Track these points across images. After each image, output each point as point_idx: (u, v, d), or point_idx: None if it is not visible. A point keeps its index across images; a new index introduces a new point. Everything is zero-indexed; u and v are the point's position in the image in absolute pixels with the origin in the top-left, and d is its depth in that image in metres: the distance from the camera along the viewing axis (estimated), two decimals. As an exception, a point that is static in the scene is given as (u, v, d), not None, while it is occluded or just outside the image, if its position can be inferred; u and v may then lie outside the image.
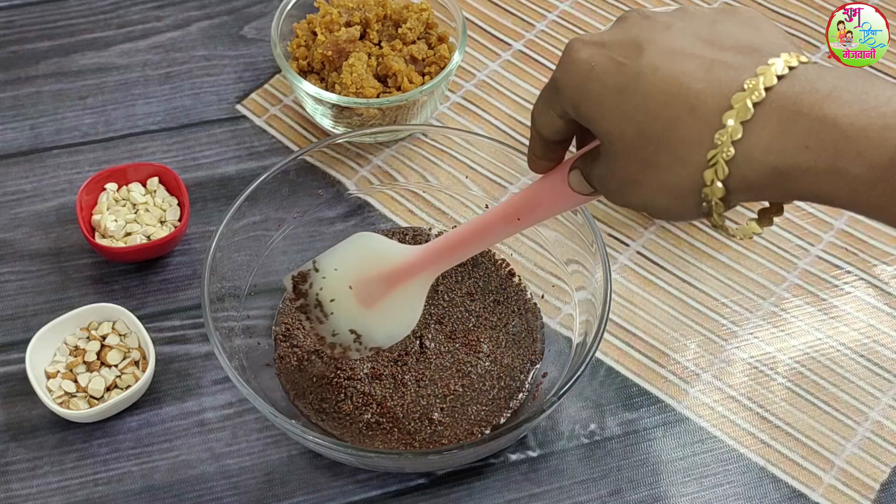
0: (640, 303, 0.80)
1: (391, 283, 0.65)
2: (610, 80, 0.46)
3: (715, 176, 0.43)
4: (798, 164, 0.41)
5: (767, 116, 0.42)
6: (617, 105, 0.46)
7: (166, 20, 0.98)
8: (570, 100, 0.48)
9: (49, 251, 0.81)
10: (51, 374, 0.72)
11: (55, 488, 0.69)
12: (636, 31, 0.47)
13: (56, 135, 0.89)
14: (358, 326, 0.67)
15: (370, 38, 0.88)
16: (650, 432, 0.73)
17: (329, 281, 0.67)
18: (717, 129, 0.42)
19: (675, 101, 0.43)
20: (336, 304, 0.66)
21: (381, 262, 0.66)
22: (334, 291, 0.67)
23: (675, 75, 0.44)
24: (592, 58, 0.47)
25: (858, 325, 0.79)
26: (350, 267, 0.66)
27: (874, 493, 0.71)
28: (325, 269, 0.67)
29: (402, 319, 0.67)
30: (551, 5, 1.01)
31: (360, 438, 0.70)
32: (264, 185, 0.74)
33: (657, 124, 0.44)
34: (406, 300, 0.66)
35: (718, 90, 0.43)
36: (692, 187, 0.45)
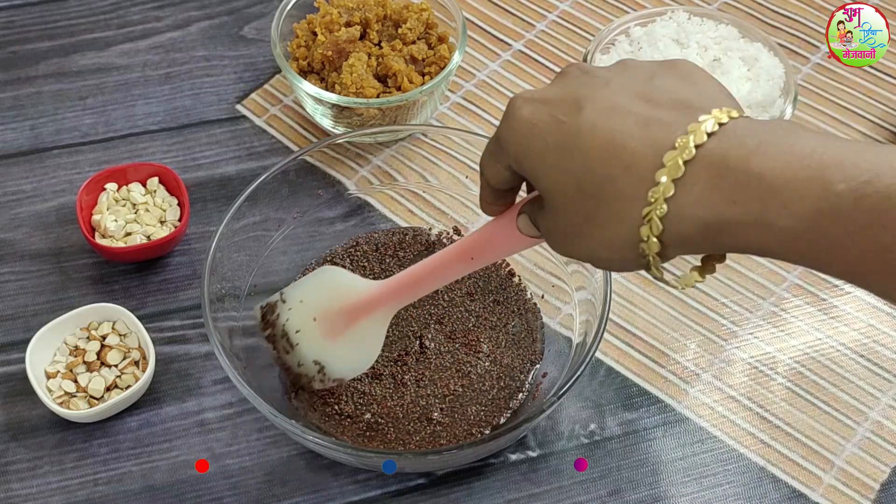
0: (640, 303, 0.80)
1: (353, 317, 0.66)
2: (550, 138, 0.47)
3: (650, 232, 0.44)
4: (727, 219, 0.43)
5: (697, 173, 0.43)
6: (557, 162, 0.47)
7: (166, 20, 0.98)
8: (514, 155, 0.50)
9: (49, 251, 0.81)
10: (51, 374, 0.72)
11: (55, 488, 0.69)
12: (575, 87, 0.48)
13: (56, 135, 0.89)
14: (321, 357, 0.67)
15: (370, 38, 0.88)
16: (650, 432, 0.73)
17: (295, 312, 0.67)
18: (651, 186, 0.44)
19: (612, 159, 0.44)
20: (301, 335, 0.67)
21: (344, 296, 0.66)
22: (300, 323, 0.67)
23: (611, 133, 0.45)
24: (534, 115, 0.48)
25: (858, 325, 0.79)
26: (315, 299, 0.67)
27: (874, 493, 0.71)
28: (291, 300, 0.68)
29: (363, 352, 0.67)
30: (551, 5, 1.01)
31: (359, 438, 0.70)
32: (264, 185, 0.74)
33: (595, 181, 0.45)
34: (366, 334, 0.67)
35: (652, 148, 0.44)
36: (630, 242, 0.46)
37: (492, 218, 0.59)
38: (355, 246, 0.80)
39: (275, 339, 0.68)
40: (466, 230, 0.81)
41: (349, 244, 0.80)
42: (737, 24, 0.88)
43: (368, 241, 0.80)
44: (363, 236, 0.80)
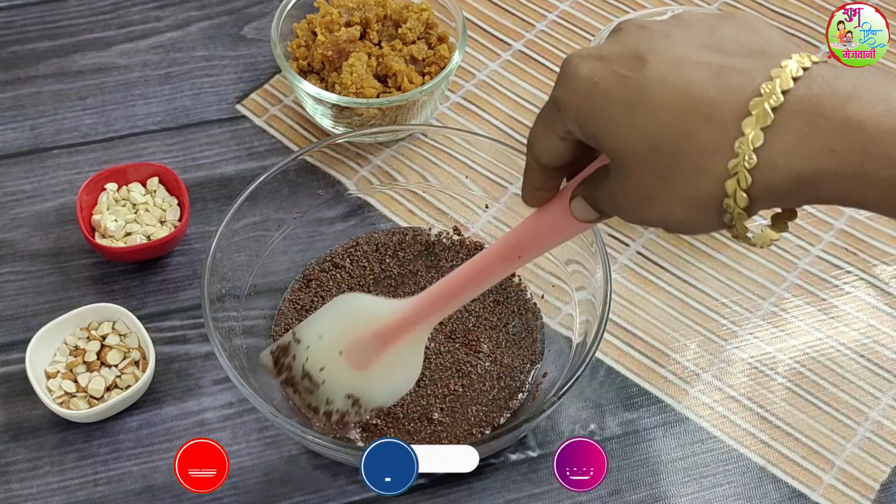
0: (640, 303, 0.80)
1: (385, 342, 0.62)
2: (616, 95, 0.44)
3: (737, 186, 0.42)
4: (825, 169, 0.40)
5: (788, 121, 0.40)
6: (626, 119, 0.44)
7: (166, 20, 0.98)
8: (575, 118, 0.46)
9: (49, 251, 0.81)
10: (51, 374, 0.72)
11: (55, 488, 0.69)
12: (634, 42, 0.45)
13: (56, 135, 0.89)
14: (355, 390, 0.62)
15: (370, 38, 0.88)
16: (650, 432, 0.73)
17: (314, 350, 0.63)
18: (736, 137, 0.41)
19: (688, 112, 0.42)
20: (327, 373, 0.62)
21: (371, 322, 0.62)
22: (323, 360, 0.62)
23: (684, 84, 0.42)
24: (594, 73, 0.45)
25: (858, 325, 0.79)
26: (337, 332, 0.62)
27: (874, 493, 0.71)
28: (307, 338, 0.63)
29: (402, 376, 0.63)
30: (551, 5, 1.01)
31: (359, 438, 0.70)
32: (264, 185, 0.74)
33: (671, 136, 0.43)
34: (404, 356, 0.62)
35: (733, 97, 0.41)
36: (712, 199, 0.43)
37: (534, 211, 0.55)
38: (355, 246, 0.80)
39: (294, 383, 0.63)
40: (466, 230, 0.81)
41: (349, 244, 0.80)
42: (737, 24, 0.88)
43: (368, 241, 0.80)
44: (363, 236, 0.80)
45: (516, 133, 0.91)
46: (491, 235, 0.81)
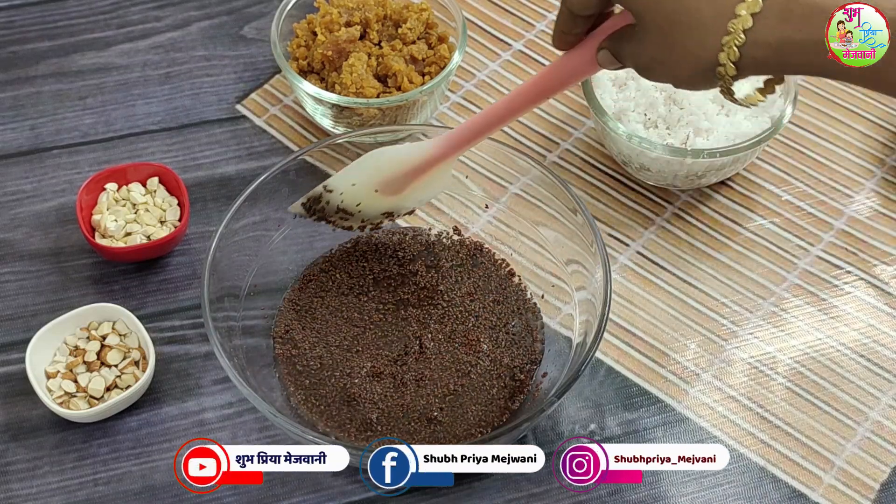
0: (640, 303, 0.80)
1: (416, 175, 0.71)
2: None
3: (727, 58, 0.53)
4: (794, 41, 0.51)
5: (771, 7, 0.51)
6: None
7: (166, 20, 0.98)
8: None
9: (49, 251, 0.81)
10: (51, 374, 0.72)
11: (55, 488, 0.69)
12: None
13: (56, 135, 0.89)
14: (389, 209, 0.74)
15: (370, 38, 0.88)
16: (650, 432, 0.73)
17: (348, 194, 0.73)
18: (731, 18, 0.52)
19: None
20: (363, 206, 0.73)
21: (402, 164, 0.71)
22: (359, 198, 0.73)
23: None
24: None
25: (858, 325, 0.79)
26: (369, 178, 0.72)
27: (874, 493, 0.71)
28: (340, 186, 0.72)
29: (433, 190, 0.74)
30: (551, 5, 1.01)
31: (359, 438, 0.70)
32: (264, 185, 0.74)
33: (682, 12, 0.53)
34: (434, 179, 0.72)
35: None
36: (708, 66, 0.54)
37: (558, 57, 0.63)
38: (355, 245, 0.80)
39: (327, 216, 0.74)
40: (466, 230, 0.81)
41: (349, 244, 0.80)
42: (737, 24, 0.88)
43: (368, 241, 0.80)
44: (363, 236, 0.80)
45: (516, 133, 0.91)
46: (491, 235, 0.81)
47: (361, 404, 0.71)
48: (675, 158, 0.79)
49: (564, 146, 0.90)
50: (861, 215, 0.85)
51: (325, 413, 0.71)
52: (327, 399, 0.71)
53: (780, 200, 0.86)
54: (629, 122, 0.82)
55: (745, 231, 0.84)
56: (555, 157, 0.89)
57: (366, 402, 0.71)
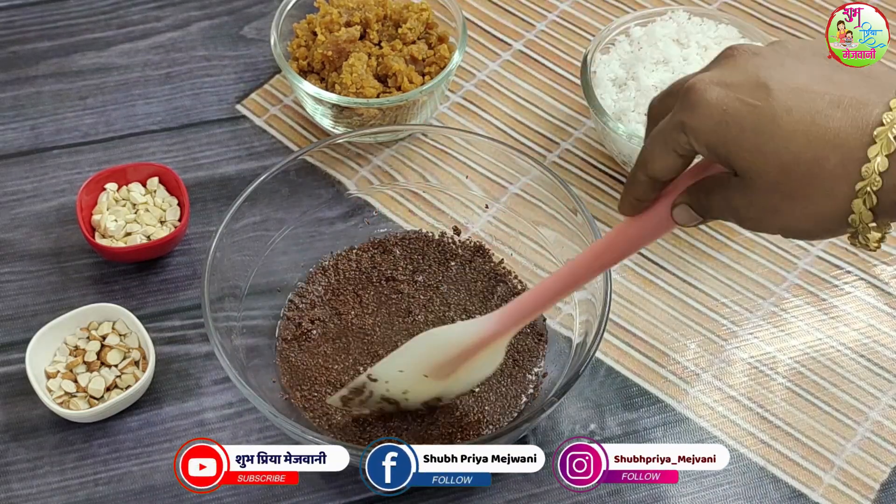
0: (640, 303, 0.80)
1: (468, 357, 0.66)
2: (746, 123, 0.48)
3: (863, 206, 0.47)
4: None
5: None
6: (757, 145, 0.48)
7: (166, 20, 0.98)
8: (705, 142, 0.50)
9: (49, 251, 0.81)
10: (51, 374, 0.72)
11: (55, 488, 0.69)
12: (753, 69, 0.49)
13: (56, 135, 0.89)
14: (438, 394, 0.69)
15: (370, 38, 0.88)
16: (650, 432, 0.73)
17: (394, 382, 0.68)
18: (863, 162, 0.46)
19: (817, 141, 0.46)
20: (410, 393, 0.68)
21: (453, 347, 0.66)
22: (405, 386, 0.68)
23: (810, 114, 0.47)
24: (721, 101, 0.49)
25: (858, 325, 0.79)
26: (419, 363, 0.67)
27: (874, 493, 0.71)
28: (385, 375, 0.67)
29: (483, 370, 0.67)
30: (551, 5, 1.01)
31: (359, 438, 0.70)
32: (264, 185, 0.74)
33: (802, 162, 0.47)
34: (486, 358, 0.66)
35: (857, 126, 0.46)
36: (839, 215, 0.48)
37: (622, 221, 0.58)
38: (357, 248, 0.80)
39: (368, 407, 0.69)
40: (466, 230, 0.81)
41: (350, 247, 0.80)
42: (737, 24, 0.88)
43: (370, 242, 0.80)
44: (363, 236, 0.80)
45: (516, 133, 0.91)
46: (491, 235, 0.81)
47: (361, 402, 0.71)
48: (675, 158, 0.79)
49: (564, 146, 0.90)
50: (861, 215, 0.85)
51: (325, 413, 0.71)
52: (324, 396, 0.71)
53: (780, 200, 0.86)
54: (629, 122, 0.82)
55: (745, 231, 0.84)
56: (555, 157, 0.89)
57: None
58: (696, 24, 0.87)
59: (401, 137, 0.87)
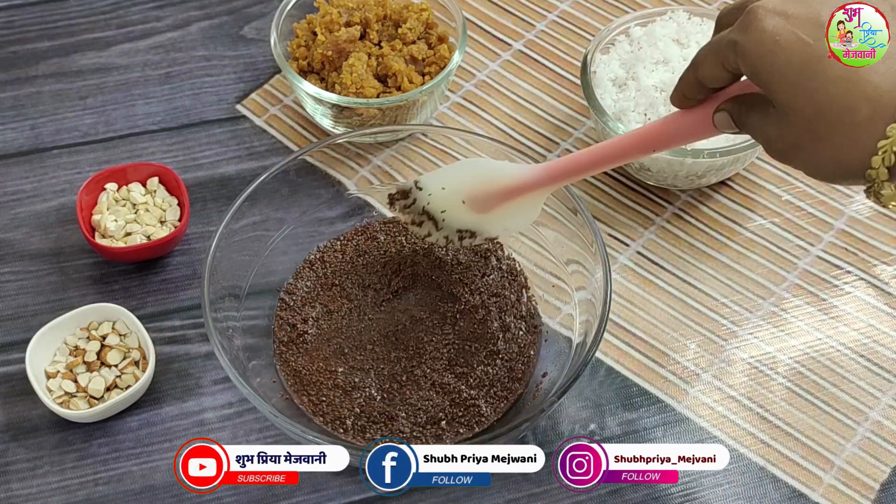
0: (640, 303, 0.80)
1: (506, 198, 0.69)
2: (795, 58, 0.49)
3: (882, 163, 0.48)
4: None
5: None
6: (799, 81, 0.49)
7: (166, 20, 0.98)
8: (751, 66, 0.51)
9: (49, 251, 0.81)
10: (51, 374, 0.72)
11: (55, 488, 0.69)
12: (818, 5, 0.50)
13: (56, 135, 0.89)
14: (471, 227, 0.71)
15: (370, 38, 0.88)
16: (650, 432, 0.73)
17: (436, 197, 0.71)
18: (890, 122, 0.47)
19: (855, 90, 0.48)
20: (447, 214, 0.71)
21: (496, 181, 0.68)
22: (444, 205, 0.71)
23: None
24: (777, 30, 0.49)
25: (858, 325, 0.79)
26: (461, 186, 0.70)
27: (874, 493, 0.71)
28: (430, 187, 0.71)
29: (519, 220, 0.70)
30: (551, 5, 1.01)
31: (360, 438, 0.70)
32: (264, 185, 0.74)
33: (835, 107, 0.48)
34: (523, 207, 0.69)
35: (894, 84, 0.48)
36: (858, 166, 0.49)
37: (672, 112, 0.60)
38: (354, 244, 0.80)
39: (413, 213, 0.72)
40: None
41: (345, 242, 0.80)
42: (737, 24, 0.88)
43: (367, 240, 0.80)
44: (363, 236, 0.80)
45: (516, 133, 0.91)
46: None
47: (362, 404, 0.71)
48: (675, 158, 0.79)
49: (564, 146, 0.90)
50: (861, 215, 0.85)
51: (325, 413, 0.71)
52: (327, 399, 0.71)
53: (780, 200, 0.86)
54: (629, 122, 0.82)
55: (745, 231, 0.84)
56: (555, 157, 0.89)
57: (366, 401, 0.71)
58: (696, 24, 0.87)
59: (401, 137, 0.87)
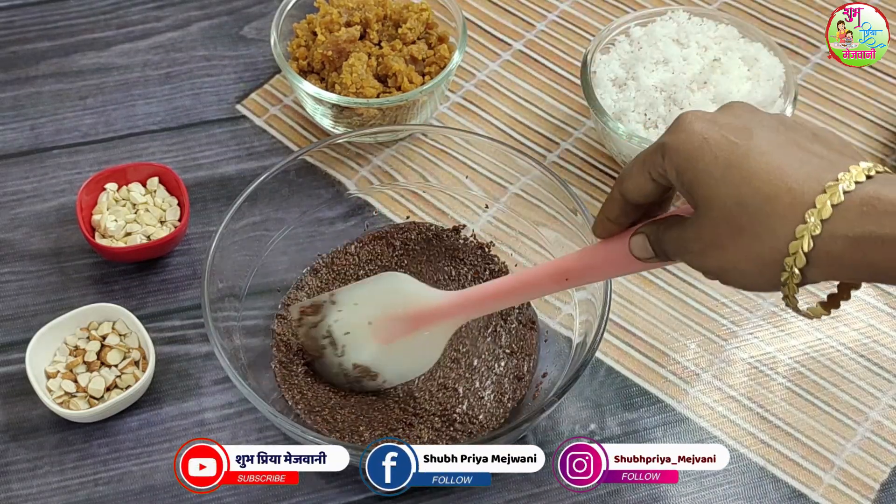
0: (640, 303, 0.80)
1: (414, 325, 0.68)
2: (721, 154, 0.50)
3: (800, 248, 0.48)
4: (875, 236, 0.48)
5: (852, 202, 0.48)
6: (722, 175, 0.50)
7: (166, 20, 0.98)
8: (677, 165, 0.52)
9: (49, 251, 0.81)
10: (51, 374, 0.72)
11: (55, 488, 0.69)
12: (746, 119, 0.52)
13: (56, 135, 0.89)
14: (368, 362, 0.70)
15: (370, 38, 0.88)
16: (650, 432, 0.73)
17: (346, 314, 0.70)
18: (809, 208, 0.48)
19: (777, 181, 0.49)
20: (349, 338, 0.70)
21: (407, 303, 0.68)
22: (350, 325, 0.70)
23: (779, 161, 0.49)
24: (705, 131, 0.51)
25: (858, 325, 0.79)
26: (372, 304, 0.69)
27: (874, 493, 0.71)
28: (343, 302, 0.70)
29: (419, 360, 0.69)
30: (551, 5, 1.01)
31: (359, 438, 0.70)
32: (264, 185, 0.74)
33: (757, 197, 0.49)
34: (426, 342, 0.68)
35: (814, 178, 0.49)
36: (775, 257, 0.50)
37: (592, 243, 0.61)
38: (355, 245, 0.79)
39: (312, 339, 0.71)
40: (466, 229, 0.81)
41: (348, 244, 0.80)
42: (737, 24, 0.88)
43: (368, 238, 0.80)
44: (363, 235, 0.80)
45: (516, 133, 0.91)
46: (491, 235, 0.81)
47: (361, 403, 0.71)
48: (675, 158, 0.79)
49: (564, 146, 0.90)
50: (861, 215, 0.85)
51: (324, 413, 0.71)
52: (327, 399, 0.71)
53: (780, 200, 0.86)
54: (629, 122, 0.82)
55: (745, 231, 0.84)
56: (555, 157, 0.89)
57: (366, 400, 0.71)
58: (696, 24, 0.87)
59: (401, 137, 0.87)
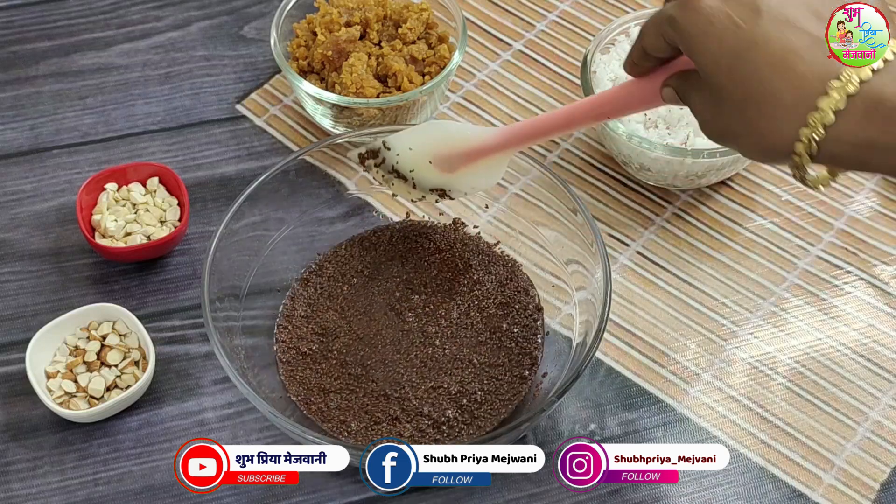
0: (640, 303, 0.80)
1: (471, 159, 0.70)
2: (726, 41, 0.50)
3: (804, 150, 0.49)
4: (877, 143, 0.48)
5: (856, 106, 0.47)
6: (729, 64, 0.50)
7: (166, 20, 0.98)
8: (686, 45, 0.52)
9: (49, 251, 0.81)
10: (51, 374, 0.72)
11: (55, 488, 0.69)
12: None
13: (56, 135, 0.89)
14: (441, 185, 0.73)
15: (370, 38, 0.88)
16: (650, 432, 0.73)
17: (404, 157, 0.72)
18: (812, 110, 0.48)
19: (782, 76, 0.49)
20: (415, 173, 0.73)
21: (460, 143, 0.70)
22: (413, 165, 0.72)
23: (784, 51, 0.49)
24: (713, 12, 0.50)
25: (858, 325, 0.79)
26: (426, 147, 0.71)
27: (874, 493, 0.71)
28: (397, 147, 0.72)
29: (485, 179, 0.72)
30: (551, 5, 1.01)
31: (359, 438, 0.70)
32: (264, 185, 0.74)
33: (762, 92, 0.49)
34: (487, 168, 0.71)
35: (818, 74, 0.48)
36: (782, 151, 0.50)
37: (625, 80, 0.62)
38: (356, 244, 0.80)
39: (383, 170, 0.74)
40: (466, 226, 0.81)
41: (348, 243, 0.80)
42: (737, 24, 0.88)
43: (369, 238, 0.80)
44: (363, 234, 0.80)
45: (516, 133, 0.90)
46: (491, 235, 0.81)
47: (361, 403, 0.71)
48: (675, 158, 0.79)
49: (564, 146, 0.90)
50: (861, 215, 0.85)
51: (325, 413, 0.71)
52: (327, 399, 0.71)
53: (780, 200, 0.86)
54: (629, 122, 0.82)
55: (745, 231, 0.84)
56: (555, 157, 0.89)
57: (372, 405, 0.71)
58: (696, 24, 0.87)
59: (401, 137, 0.87)
